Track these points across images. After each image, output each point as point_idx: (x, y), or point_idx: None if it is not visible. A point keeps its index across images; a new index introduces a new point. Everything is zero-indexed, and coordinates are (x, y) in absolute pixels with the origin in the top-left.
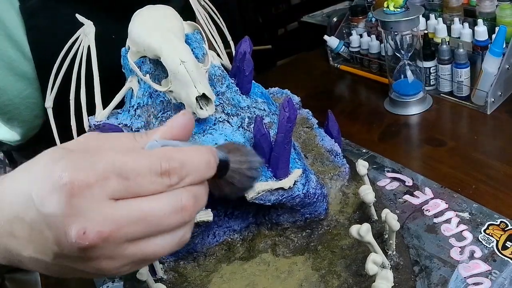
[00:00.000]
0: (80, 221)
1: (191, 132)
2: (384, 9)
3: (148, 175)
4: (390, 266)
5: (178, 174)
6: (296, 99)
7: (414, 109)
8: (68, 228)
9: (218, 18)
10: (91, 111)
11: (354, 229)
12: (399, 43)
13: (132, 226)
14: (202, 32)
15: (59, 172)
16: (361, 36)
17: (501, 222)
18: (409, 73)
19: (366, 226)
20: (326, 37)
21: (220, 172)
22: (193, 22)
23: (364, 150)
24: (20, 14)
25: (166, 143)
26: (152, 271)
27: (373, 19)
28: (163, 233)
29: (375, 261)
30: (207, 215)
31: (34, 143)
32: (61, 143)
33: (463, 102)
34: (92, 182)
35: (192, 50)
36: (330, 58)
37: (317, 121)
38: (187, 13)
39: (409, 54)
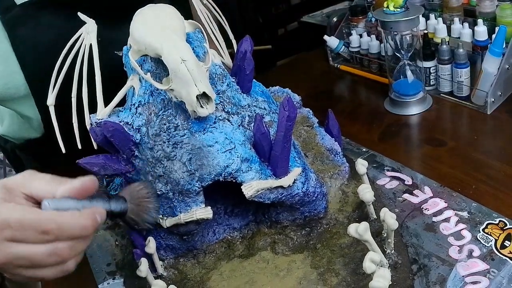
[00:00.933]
0: None
1: (91, 192)
2: (384, 9)
3: (32, 231)
4: (388, 265)
5: (54, 234)
6: (296, 98)
7: (414, 109)
8: None
9: (221, 17)
10: (93, 109)
11: (353, 228)
12: (399, 43)
13: (19, 260)
14: (203, 31)
15: None
16: (361, 36)
17: (499, 221)
18: (409, 73)
19: (364, 225)
20: (326, 37)
21: (117, 216)
22: (194, 21)
23: (364, 149)
24: (3, 27)
25: (58, 203)
26: (152, 268)
27: (373, 19)
28: (46, 267)
29: (373, 260)
30: (206, 213)
31: (37, 141)
32: (63, 141)
33: (463, 102)
34: None
35: (193, 49)
36: (330, 58)
37: (317, 120)
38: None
39: (409, 54)
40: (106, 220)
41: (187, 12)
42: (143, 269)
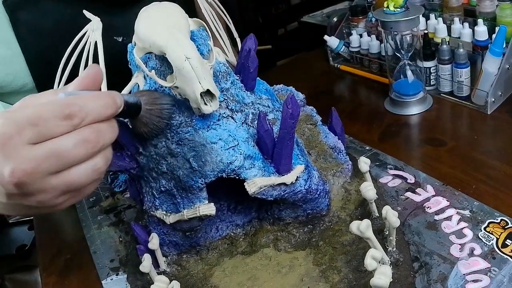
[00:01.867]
0: (9, 164)
1: (100, 81)
2: (384, 9)
3: (53, 120)
4: (389, 262)
5: (78, 116)
6: (300, 96)
7: (414, 109)
8: (2, 171)
9: (225, 15)
10: None
11: (354, 225)
12: (399, 43)
13: (48, 161)
14: (208, 29)
15: None
16: (361, 36)
17: (501, 220)
18: (409, 73)
19: (366, 222)
20: (326, 37)
21: (132, 112)
22: (198, 19)
23: (367, 148)
24: (4, 10)
25: (73, 93)
26: (156, 264)
27: (373, 19)
28: (76, 164)
29: (374, 257)
30: (209, 209)
31: None
32: None
33: (463, 102)
34: (13, 133)
35: (197, 47)
36: (330, 58)
37: (320, 118)
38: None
39: (409, 54)
40: (124, 111)
41: (192, 10)
42: (146, 264)
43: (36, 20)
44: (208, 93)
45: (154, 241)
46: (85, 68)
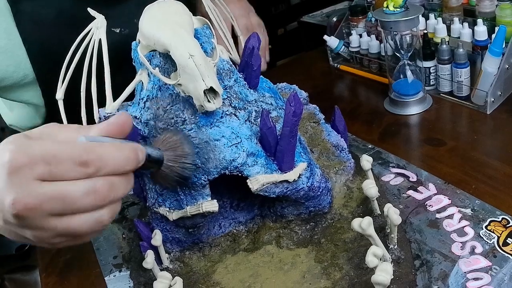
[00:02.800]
0: (12, 194)
1: (127, 130)
2: (384, 9)
3: (68, 163)
4: (391, 260)
5: (95, 166)
6: (303, 94)
7: (414, 109)
8: (4, 198)
9: (228, 13)
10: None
11: (356, 222)
12: (398, 43)
13: (52, 202)
14: (211, 27)
15: (4, 153)
16: (360, 36)
17: (502, 218)
18: (409, 73)
19: (367, 220)
20: (326, 37)
21: (153, 166)
22: (202, 17)
23: (370, 146)
24: (6, 2)
25: (96, 139)
26: (158, 260)
27: (373, 19)
28: (80, 212)
29: (375, 254)
30: (212, 206)
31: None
32: None
33: (463, 102)
34: (25, 164)
35: (201, 44)
36: (330, 58)
37: (323, 117)
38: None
39: (409, 54)
40: (144, 165)
41: (192, 9)
42: (149, 260)
43: (37, 11)
44: (211, 91)
45: (157, 238)
46: (89, 65)
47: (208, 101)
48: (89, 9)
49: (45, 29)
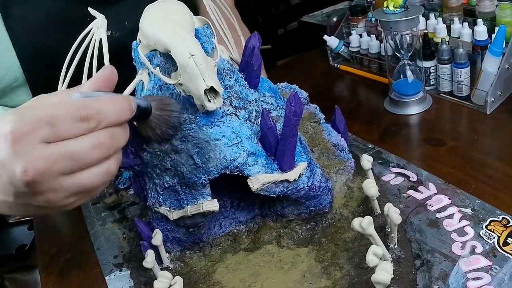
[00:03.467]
0: (21, 162)
1: (114, 83)
2: (384, 9)
3: (70, 121)
4: (391, 259)
5: (95, 119)
6: (304, 94)
7: (414, 109)
8: (13, 168)
9: (229, 13)
10: None
11: (356, 222)
12: (398, 43)
13: (61, 162)
14: (212, 27)
15: (5, 125)
16: (361, 36)
17: (503, 218)
18: (409, 73)
19: (368, 219)
20: (326, 37)
21: (142, 117)
22: (203, 17)
23: (370, 146)
24: None
25: (89, 94)
26: (159, 260)
27: (373, 19)
28: (89, 167)
29: (375, 253)
30: (212, 205)
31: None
32: None
33: (463, 102)
34: (27, 130)
35: (201, 44)
36: (330, 58)
37: (324, 116)
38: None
39: (409, 54)
40: (135, 115)
41: (193, 9)
42: (150, 260)
43: (27, 14)
44: (212, 90)
45: (157, 237)
46: (89, 66)
47: (209, 100)
48: (89, 9)
49: (35, 32)
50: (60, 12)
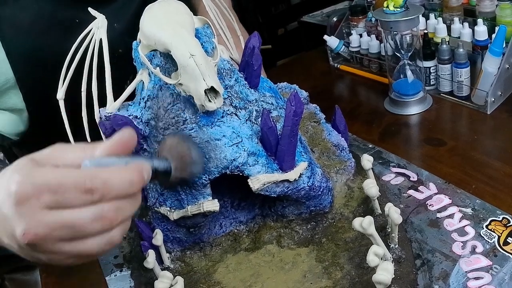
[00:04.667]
0: (22, 224)
1: (132, 146)
2: (384, 9)
3: (74, 191)
4: (391, 259)
5: (100, 192)
6: (304, 94)
7: (414, 109)
8: (14, 228)
9: (228, 13)
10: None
11: (357, 222)
12: (399, 43)
13: (61, 230)
14: (212, 27)
15: (11, 183)
16: (361, 36)
17: (503, 218)
18: (409, 73)
19: (368, 219)
20: (326, 37)
21: (161, 177)
22: (203, 17)
23: (370, 146)
24: None
25: (99, 162)
26: (159, 260)
27: (373, 19)
28: (90, 236)
29: (376, 253)
30: (213, 205)
31: (41, 135)
32: (72, 135)
33: (463, 102)
34: (31, 195)
35: (201, 44)
36: (330, 58)
37: (324, 116)
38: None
39: (409, 54)
40: (153, 180)
41: (194, 8)
42: (150, 260)
43: (16, 15)
44: (212, 90)
45: (158, 237)
46: (90, 65)
47: (209, 100)
48: (89, 9)
49: (25, 34)
50: (50, 13)
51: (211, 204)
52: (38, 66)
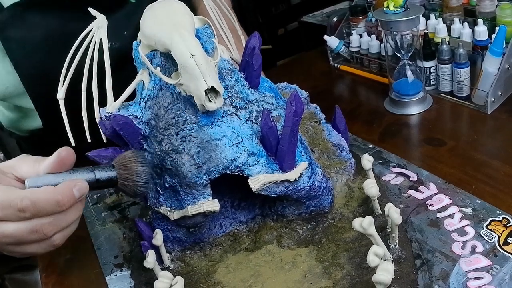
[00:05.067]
0: None
1: (70, 163)
2: (384, 9)
3: (10, 209)
4: (392, 259)
5: (30, 211)
6: (304, 94)
7: (414, 109)
8: None
9: (229, 13)
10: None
11: (357, 222)
12: (399, 43)
13: (6, 238)
14: (212, 27)
15: None
16: (361, 36)
17: (503, 218)
18: (409, 73)
19: (368, 219)
20: (326, 37)
21: (107, 185)
22: (203, 17)
23: (370, 146)
24: None
25: (36, 181)
26: (159, 260)
27: (373, 19)
28: (31, 243)
29: (376, 253)
30: (213, 205)
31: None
32: (72, 134)
33: (463, 102)
34: None
35: (202, 44)
36: (330, 58)
37: (324, 116)
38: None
39: (409, 54)
40: (96, 187)
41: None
42: (150, 260)
43: (25, 36)
44: (212, 90)
45: (158, 237)
46: (90, 66)
47: (209, 100)
48: (90, 9)
49: (33, 51)
50: (58, 30)
51: (211, 204)
52: (47, 79)
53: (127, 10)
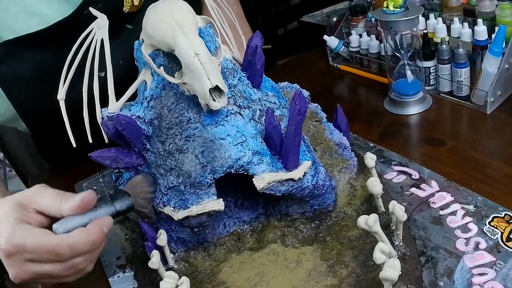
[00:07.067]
0: (12, 271)
1: (91, 204)
2: (384, 9)
3: (46, 254)
4: (397, 256)
5: (68, 256)
6: (305, 93)
7: (413, 109)
8: (9, 271)
9: (230, 13)
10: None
11: (362, 220)
12: (398, 43)
13: (41, 276)
14: (215, 26)
15: (1, 238)
16: (360, 36)
17: (505, 214)
18: (408, 73)
19: (374, 216)
20: (325, 37)
21: (126, 213)
22: (206, 16)
23: (371, 144)
24: None
25: (65, 226)
26: (163, 260)
27: (373, 19)
28: (67, 276)
29: (382, 250)
30: (218, 205)
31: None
32: (73, 134)
33: (462, 102)
34: (15, 252)
35: (205, 44)
36: (330, 58)
37: (325, 115)
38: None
39: (409, 54)
40: (117, 219)
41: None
42: (155, 260)
43: (18, 70)
44: (216, 89)
45: (162, 237)
46: (91, 65)
47: (214, 99)
48: (90, 9)
49: (26, 84)
50: (51, 62)
51: (216, 204)
52: (41, 109)
53: (122, 37)
